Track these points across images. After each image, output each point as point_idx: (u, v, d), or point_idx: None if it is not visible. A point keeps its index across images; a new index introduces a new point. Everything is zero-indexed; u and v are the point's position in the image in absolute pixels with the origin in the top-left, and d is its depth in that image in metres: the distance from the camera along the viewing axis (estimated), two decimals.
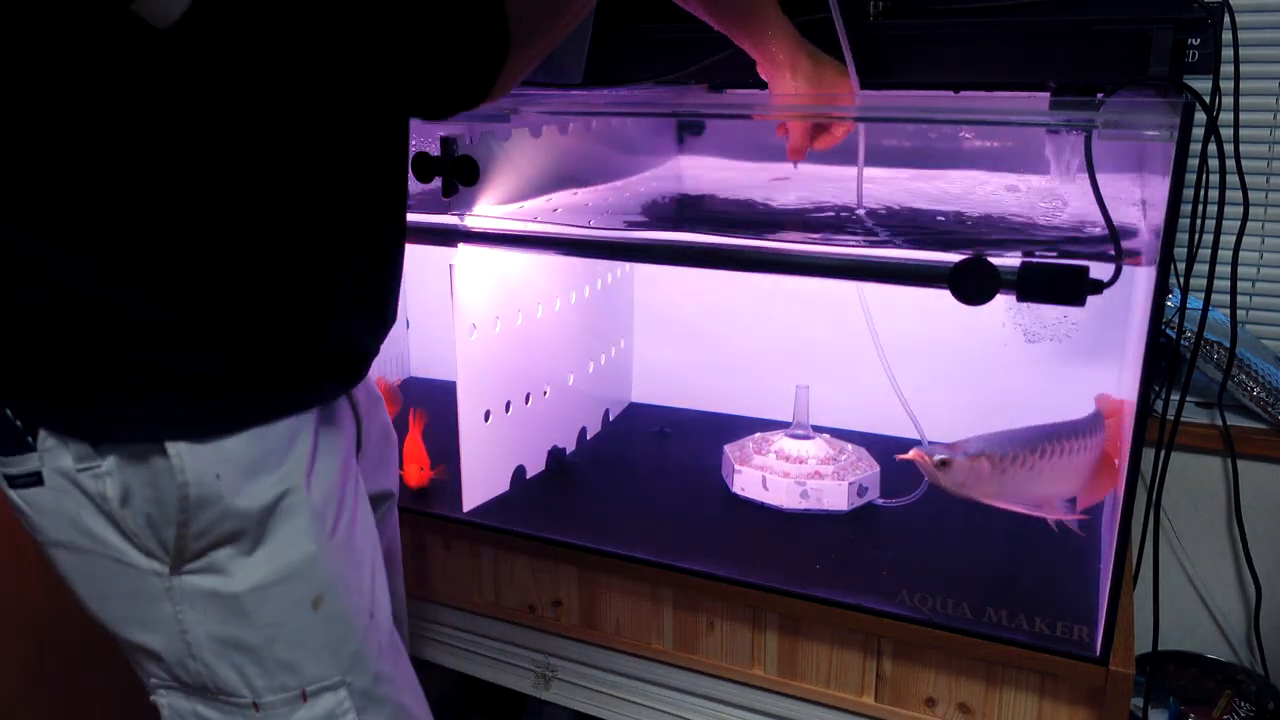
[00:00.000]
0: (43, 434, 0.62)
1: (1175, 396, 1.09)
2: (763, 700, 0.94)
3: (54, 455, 0.62)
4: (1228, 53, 0.97)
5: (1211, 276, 1.03)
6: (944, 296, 0.75)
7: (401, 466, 0.97)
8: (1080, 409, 1.09)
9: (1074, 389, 1.01)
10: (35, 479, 0.63)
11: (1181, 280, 1.14)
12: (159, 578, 0.64)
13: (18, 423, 0.62)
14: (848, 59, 0.88)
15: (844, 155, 1.14)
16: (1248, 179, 1.15)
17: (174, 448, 0.61)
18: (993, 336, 1.08)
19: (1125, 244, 0.74)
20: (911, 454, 0.87)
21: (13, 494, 0.64)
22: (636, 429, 1.27)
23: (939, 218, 0.99)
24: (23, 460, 0.63)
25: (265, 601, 0.65)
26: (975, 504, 1.03)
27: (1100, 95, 0.82)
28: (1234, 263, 1.16)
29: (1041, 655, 0.80)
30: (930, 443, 0.92)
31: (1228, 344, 1.20)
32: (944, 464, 0.86)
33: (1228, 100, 1.08)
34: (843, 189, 1.08)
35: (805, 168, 1.17)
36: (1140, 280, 0.82)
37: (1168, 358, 1.19)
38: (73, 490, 0.63)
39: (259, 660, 0.65)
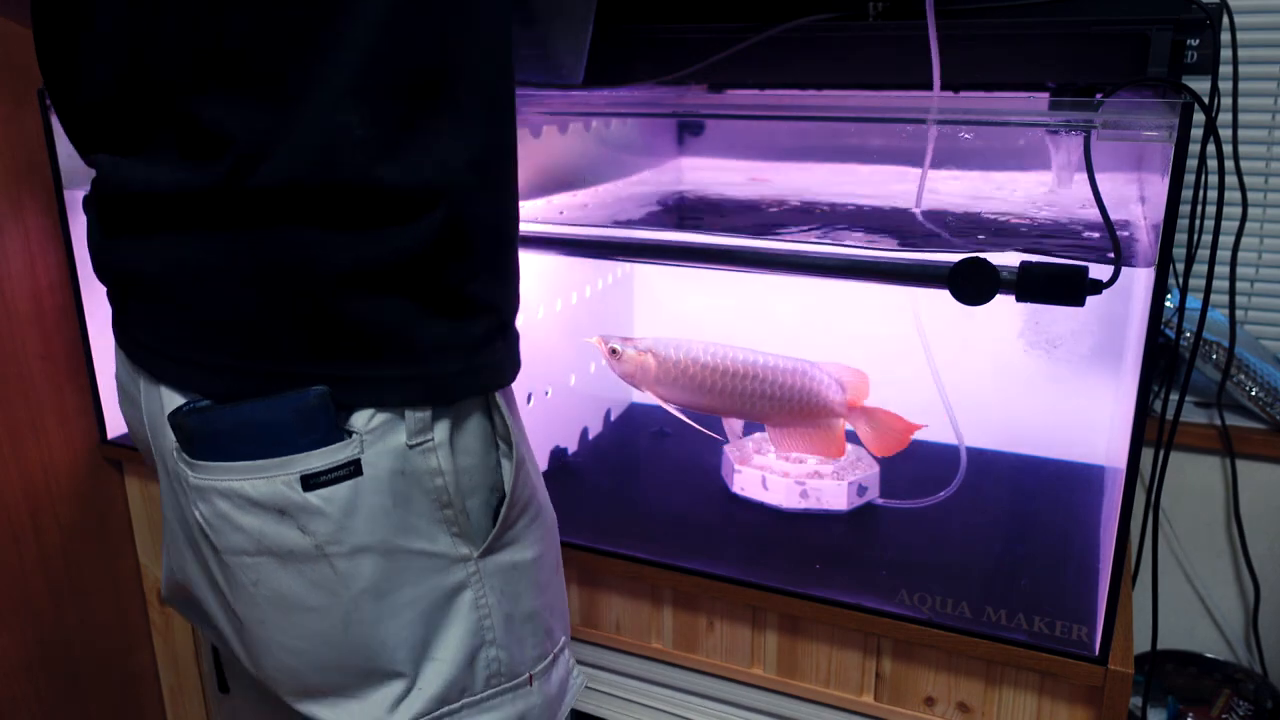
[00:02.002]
0: (364, 412, 0.55)
1: (1174, 396, 1.09)
2: (763, 700, 0.94)
3: (381, 435, 0.55)
4: (1226, 53, 0.97)
5: (1210, 276, 1.03)
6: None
7: None
8: (1079, 415, 1.10)
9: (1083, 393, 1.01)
10: (351, 469, 0.55)
11: (1180, 280, 1.14)
12: (464, 565, 0.59)
13: (331, 401, 0.55)
14: (934, 59, 0.88)
15: (832, 154, 1.14)
16: (1246, 179, 1.15)
17: (496, 398, 0.59)
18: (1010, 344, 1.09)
19: (1125, 245, 0.74)
20: (595, 339, 0.95)
21: (310, 497, 0.55)
22: (637, 429, 1.27)
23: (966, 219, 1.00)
24: (334, 450, 0.55)
25: (543, 566, 0.64)
26: (974, 504, 1.03)
27: (1099, 95, 0.82)
28: (1233, 263, 1.16)
29: (1041, 654, 0.80)
30: (611, 336, 0.98)
31: (1226, 344, 1.21)
32: (615, 352, 0.94)
33: (1227, 101, 1.09)
34: (826, 190, 1.08)
35: (780, 166, 1.17)
36: (1139, 280, 0.82)
37: (1166, 357, 1.19)
38: (399, 475, 0.56)
39: (537, 629, 0.64)
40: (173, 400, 0.58)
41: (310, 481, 0.54)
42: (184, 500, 0.58)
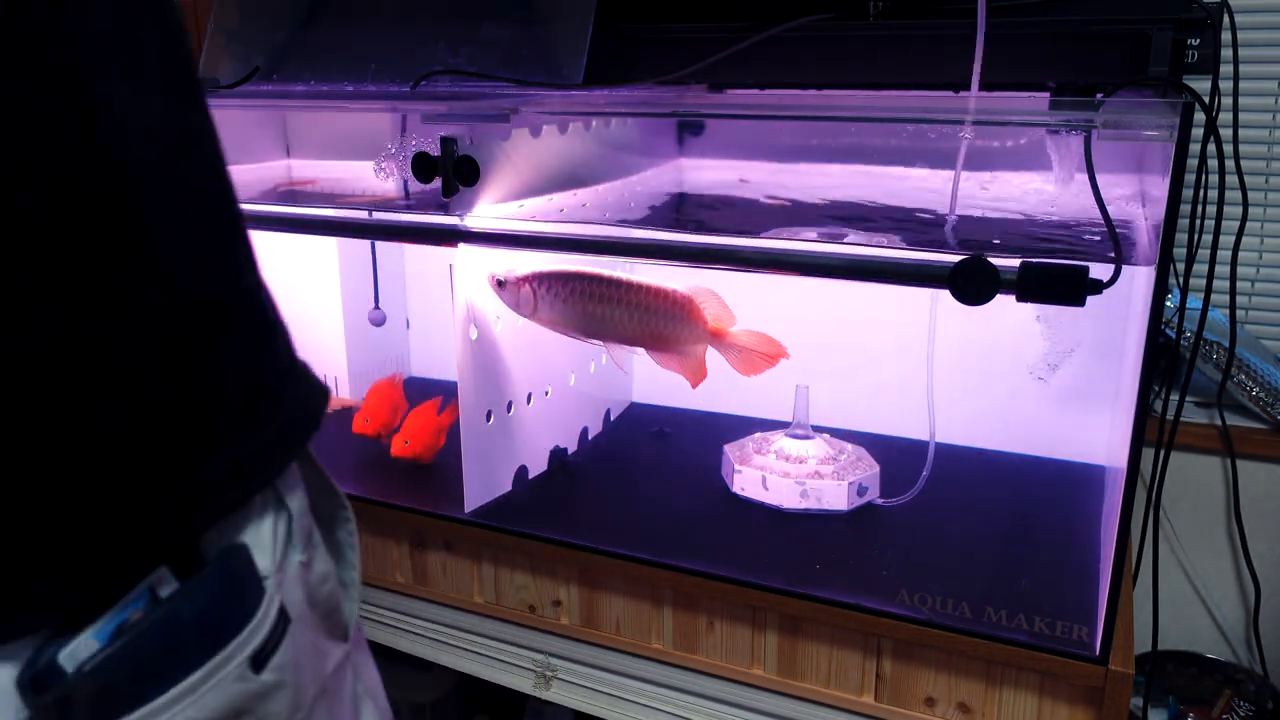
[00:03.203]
0: (262, 550, 0.44)
1: (1175, 396, 1.09)
2: (763, 700, 0.94)
3: (284, 564, 0.45)
4: (1227, 53, 0.97)
5: (1211, 276, 1.03)
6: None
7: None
8: (1079, 415, 1.09)
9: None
10: (285, 620, 0.43)
11: (1181, 280, 1.14)
12: (347, 662, 0.51)
13: (240, 544, 0.43)
14: (977, 60, 0.87)
15: (832, 154, 1.14)
16: (1247, 179, 1.15)
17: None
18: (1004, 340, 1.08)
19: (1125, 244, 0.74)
20: (488, 276, 0.97)
21: (265, 678, 0.42)
22: (637, 429, 1.27)
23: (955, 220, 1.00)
24: (266, 607, 0.42)
25: None
26: (975, 504, 1.03)
27: (1100, 95, 0.82)
28: (1233, 263, 1.16)
29: (1041, 655, 0.80)
30: (499, 271, 1.00)
31: (1227, 344, 1.21)
32: (501, 284, 0.96)
33: (1227, 100, 1.08)
34: (825, 189, 1.08)
35: (779, 166, 1.17)
36: (1140, 280, 0.82)
37: (1167, 357, 1.19)
38: (306, 603, 0.46)
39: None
40: None
41: (259, 659, 0.42)
42: None
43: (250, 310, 0.45)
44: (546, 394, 1.11)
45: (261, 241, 0.47)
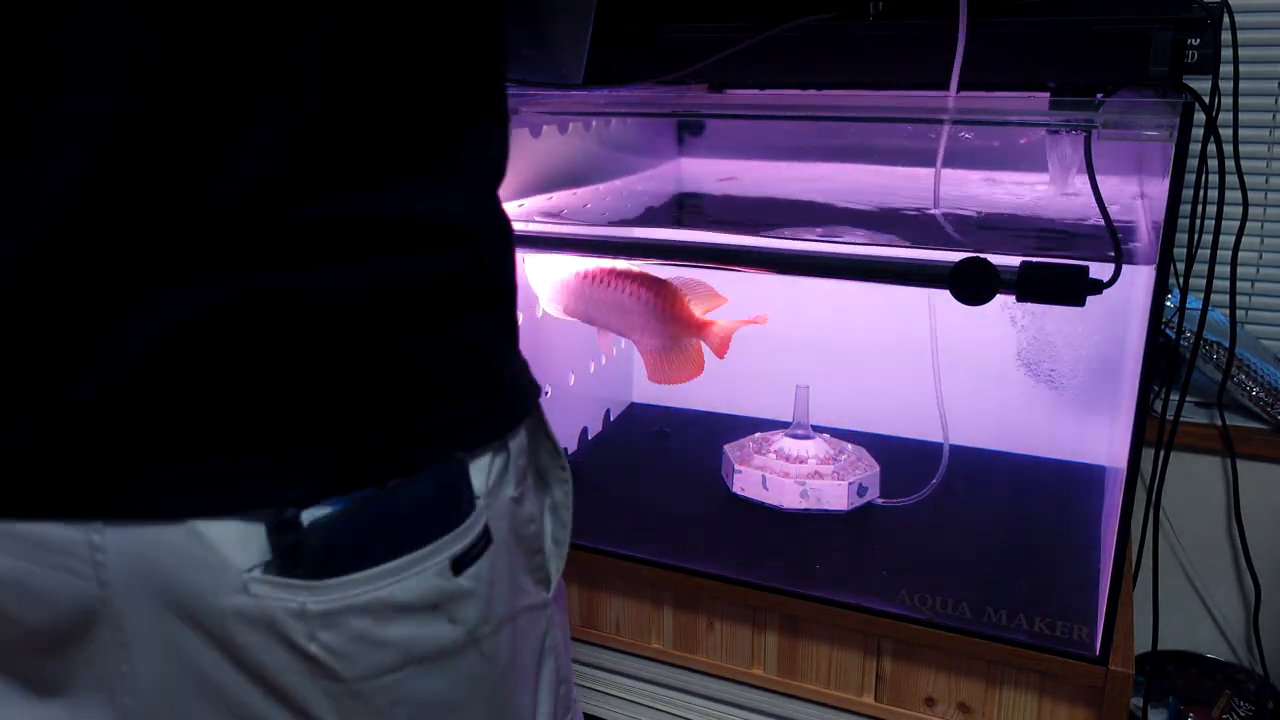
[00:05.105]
0: (478, 472, 0.49)
1: (1175, 396, 1.09)
2: (763, 700, 0.94)
3: (496, 494, 0.50)
4: (1227, 53, 0.97)
5: (1211, 276, 1.03)
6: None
7: None
8: (1079, 415, 1.09)
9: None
10: (486, 540, 0.48)
11: (1181, 280, 1.14)
12: (545, 610, 0.56)
13: (459, 457, 0.48)
14: (957, 62, 0.87)
15: (832, 154, 1.14)
16: (1247, 179, 1.15)
17: (540, 406, 0.55)
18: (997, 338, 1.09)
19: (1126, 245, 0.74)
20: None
21: (461, 582, 0.47)
22: (637, 429, 1.27)
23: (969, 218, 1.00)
24: (473, 523, 0.48)
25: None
26: (975, 504, 1.03)
27: (1100, 95, 0.82)
28: (1233, 263, 1.16)
29: (1041, 655, 0.80)
30: None
31: (1227, 344, 1.21)
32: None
33: (1227, 100, 1.08)
34: (825, 189, 1.08)
35: (779, 166, 1.17)
36: (1140, 280, 0.82)
37: (1167, 357, 1.19)
38: (512, 534, 0.51)
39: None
40: (213, 535, 0.43)
41: (460, 564, 0.47)
42: (273, 641, 0.45)
43: (491, 295, 0.52)
44: (547, 394, 1.11)
45: None
